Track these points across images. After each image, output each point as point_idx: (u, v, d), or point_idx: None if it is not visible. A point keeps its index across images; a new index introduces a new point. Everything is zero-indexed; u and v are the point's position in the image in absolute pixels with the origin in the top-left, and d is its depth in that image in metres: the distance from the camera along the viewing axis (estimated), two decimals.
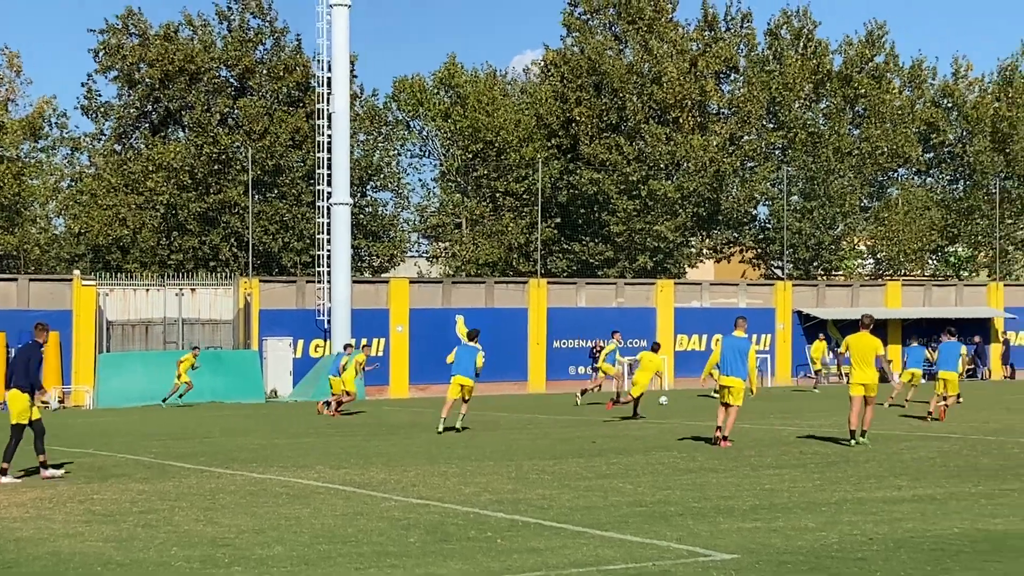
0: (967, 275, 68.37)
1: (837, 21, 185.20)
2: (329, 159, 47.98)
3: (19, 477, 18.25)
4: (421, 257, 66.83)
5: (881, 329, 55.57)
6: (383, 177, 60.19)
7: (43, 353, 18.87)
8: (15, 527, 13.62)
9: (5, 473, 18.03)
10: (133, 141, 58.14)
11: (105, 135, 57.87)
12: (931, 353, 57.58)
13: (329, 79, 48.16)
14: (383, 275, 58.14)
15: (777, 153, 63.78)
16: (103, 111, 57.55)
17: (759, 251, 64.71)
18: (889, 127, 62.84)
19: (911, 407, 31.48)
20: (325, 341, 47.91)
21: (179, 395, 40.58)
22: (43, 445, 18.65)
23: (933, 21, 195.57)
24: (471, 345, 26.85)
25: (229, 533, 12.91)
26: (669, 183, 59.40)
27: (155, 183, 53.88)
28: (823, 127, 62.82)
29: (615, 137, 59.27)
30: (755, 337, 54.94)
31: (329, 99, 48.01)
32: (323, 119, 48.37)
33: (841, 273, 66.07)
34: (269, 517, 14.03)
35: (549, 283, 53.50)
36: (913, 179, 68.61)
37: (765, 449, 21.44)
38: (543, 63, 65.45)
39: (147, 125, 57.94)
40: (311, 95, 53.60)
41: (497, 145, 59.33)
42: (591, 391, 39.49)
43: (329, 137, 47.98)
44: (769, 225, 64.16)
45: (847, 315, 55.48)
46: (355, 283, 49.35)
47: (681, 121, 59.58)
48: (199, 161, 54.51)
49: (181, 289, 48.33)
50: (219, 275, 51.20)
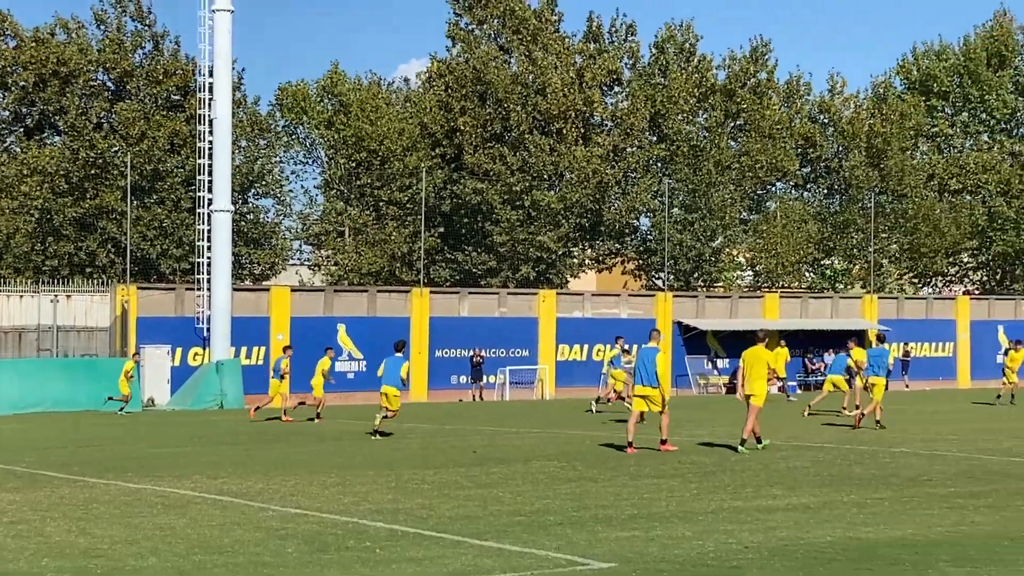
0: (842, 288, 69.58)
1: (719, 36, 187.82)
2: (210, 165, 47.37)
3: None
4: (303, 265, 66.38)
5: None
6: (265, 184, 59.63)
7: None
8: None
9: None
10: (9, 145, 56.94)
11: None
12: (809, 363, 58.81)
13: (211, 84, 47.61)
14: (264, 283, 57.60)
15: (659, 165, 64.36)
16: None
17: (641, 262, 65.23)
18: (768, 141, 63.77)
19: (830, 415, 32.09)
20: (204, 349, 47.27)
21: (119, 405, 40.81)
22: None
23: (808, 38, 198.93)
24: (397, 356, 28.14)
25: (102, 544, 12.67)
26: (552, 194, 59.67)
27: (29, 187, 52.80)
28: (704, 140, 63.52)
29: (499, 147, 59.39)
30: (636, 347, 55.49)
31: (210, 104, 47.43)
32: (204, 124, 47.76)
33: (721, 285, 66.86)
34: (143, 527, 13.80)
35: (432, 292, 53.42)
36: (791, 193, 69.72)
37: (644, 459, 21.59)
38: (428, 72, 65.40)
39: (21, 129, 56.80)
40: (192, 99, 52.90)
41: (381, 154, 59.15)
42: (606, 400, 39.31)
43: (210, 143, 47.38)
44: (651, 237, 64.71)
45: (726, 326, 56.26)
46: (235, 291, 48.77)
47: (565, 132, 59.87)
48: (75, 165, 53.47)
49: (56, 296, 47.37)
50: (95, 281, 50.25)
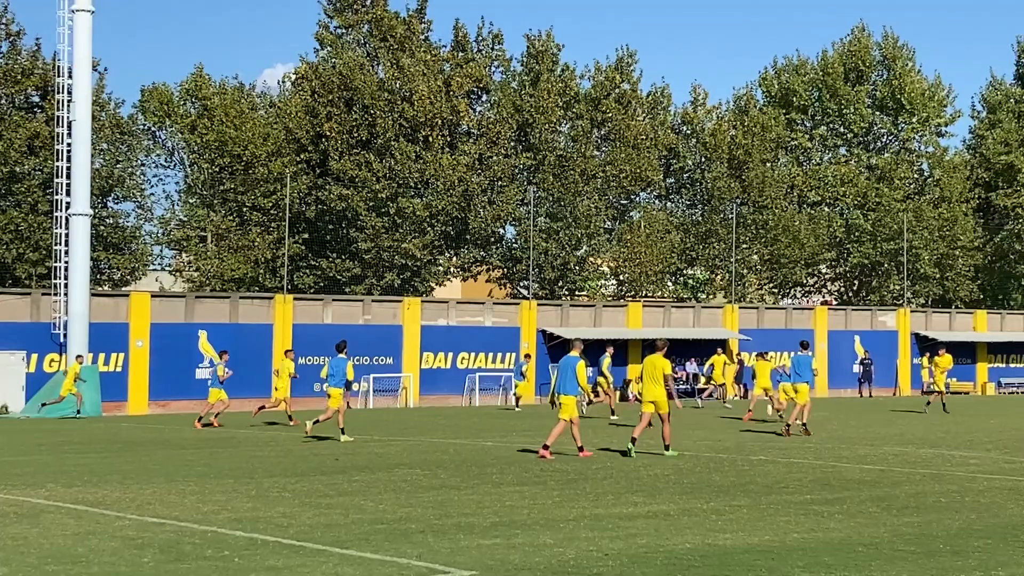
0: (704, 297, 70.53)
1: (585, 47, 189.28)
2: (68, 168, 46.48)
3: None
4: (164, 271, 65.39)
5: (622, 350, 56.94)
6: (126, 188, 58.64)
7: None
8: None
9: None
10: None
11: None
12: (673, 372, 59.18)
13: (70, 86, 46.70)
14: (123, 288, 56.61)
15: (525, 174, 64.62)
16: None
17: (506, 271, 65.40)
18: (632, 152, 64.40)
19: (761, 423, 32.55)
20: (60, 355, 46.31)
21: (63, 407, 41.40)
22: None
23: (672, 50, 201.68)
24: (340, 357, 29.54)
25: None
26: (418, 201, 59.59)
27: None
28: (570, 150, 63.92)
29: (365, 154, 59.13)
30: (500, 356, 55.65)
31: (69, 106, 46.56)
32: (63, 126, 46.83)
33: (585, 293, 67.31)
34: None
35: (295, 299, 52.98)
36: (654, 203, 70.45)
37: (507, 467, 21.65)
38: (295, 77, 64.87)
39: None
40: (51, 100, 51.81)
41: (245, 159, 58.53)
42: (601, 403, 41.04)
43: (69, 145, 46.48)
44: (516, 245, 64.90)
45: (590, 335, 56.59)
46: (93, 296, 47.84)
47: (431, 140, 59.85)
48: None
49: None
50: None
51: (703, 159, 69.09)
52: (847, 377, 62.83)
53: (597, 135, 65.91)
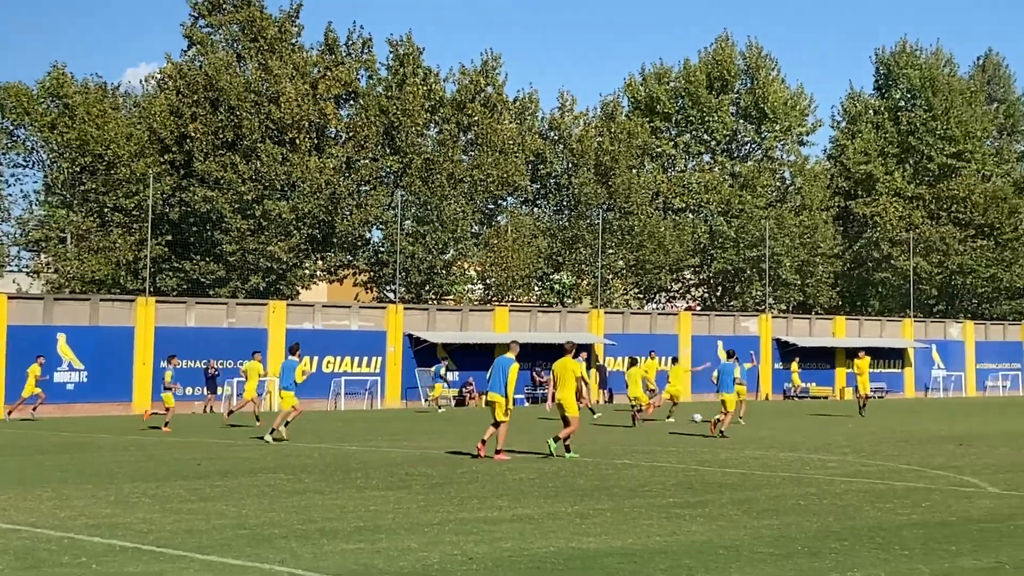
0: (570, 302, 70.95)
1: (451, 52, 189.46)
2: None
3: None
4: (21, 272, 63.85)
5: (488, 353, 57.00)
6: None
7: None
8: None
9: None
10: None
11: None
12: (538, 376, 59.68)
13: None
14: None
15: (392, 178, 64.42)
16: None
17: (372, 274, 65.11)
18: (500, 156, 64.57)
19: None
20: None
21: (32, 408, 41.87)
22: None
23: (540, 56, 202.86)
24: (291, 359, 30.74)
25: None
26: (284, 204, 59.06)
27: None
28: (437, 154, 63.85)
29: (231, 155, 58.44)
30: (366, 360, 55.40)
31: None
32: None
33: (452, 297, 67.30)
34: None
35: (158, 302, 52.15)
36: (521, 208, 70.69)
37: (372, 471, 21.54)
38: (160, 76, 63.82)
39: None
40: None
41: (107, 158, 57.46)
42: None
43: None
44: (383, 248, 64.65)
45: (457, 339, 56.65)
46: None
47: (298, 142, 59.38)
48: None
49: None
50: None
51: (570, 165, 69.50)
52: (708, 382, 63.54)
53: (464, 139, 65.94)
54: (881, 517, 15.24)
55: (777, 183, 78.60)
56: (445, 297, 66.56)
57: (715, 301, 77.91)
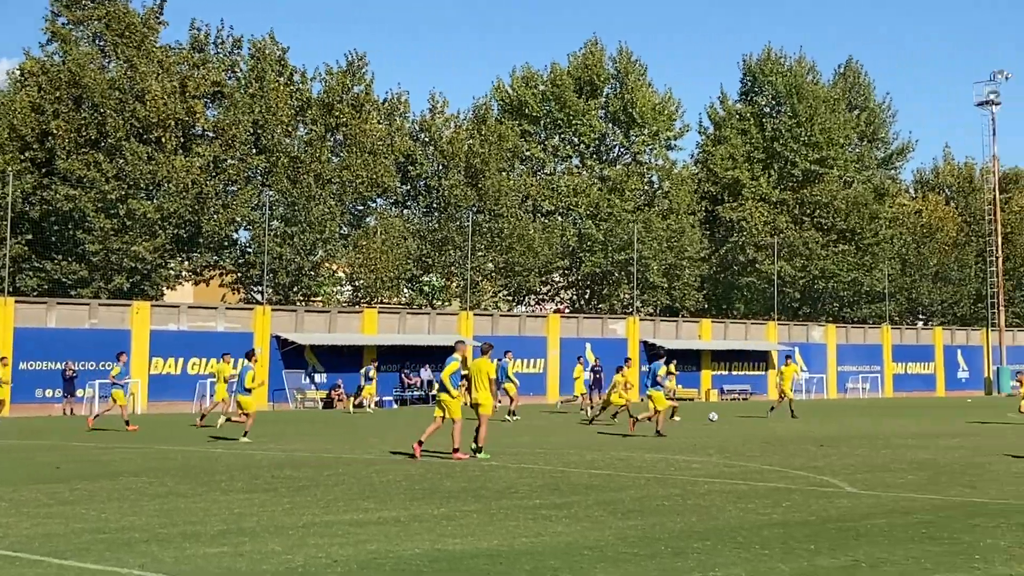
0: (440, 304, 70.91)
1: (316, 50, 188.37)
2: None
3: None
4: None
5: (358, 354, 56.82)
6: None
7: None
8: None
9: None
10: None
11: None
12: (406, 378, 59.57)
13: None
14: None
15: (259, 178, 63.76)
16: None
17: (240, 275, 64.37)
18: (369, 157, 64.28)
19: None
20: None
21: None
22: None
23: (411, 58, 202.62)
24: (247, 364, 32.23)
25: None
26: (149, 203, 58.13)
27: None
28: (304, 153, 63.33)
29: (94, 153, 57.33)
30: (233, 362, 54.68)
31: None
32: None
33: (320, 299, 66.84)
34: None
35: (16, 302, 51.03)
36: (391, 209, 70.44)
37: (237, 473, 21.30)
38: (19, 72, 62.35)
39: None
40: None
41: None
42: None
43: None
44: (250, 249, 63.94)
45: (325, 341, 56.31)
46: None
47: (164, 141, 58.46)
48: None
49: None
50: None
51: (440, 167, 69.45)
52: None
53: (332, 140, 65.46)
54: (743, 517, 15.45)
55: (645, 187, 79.35)
56: (313, 298, 66.08)
57: (583, 304, 78.44)
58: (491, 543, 13.32)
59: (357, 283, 66.54)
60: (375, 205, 69.69)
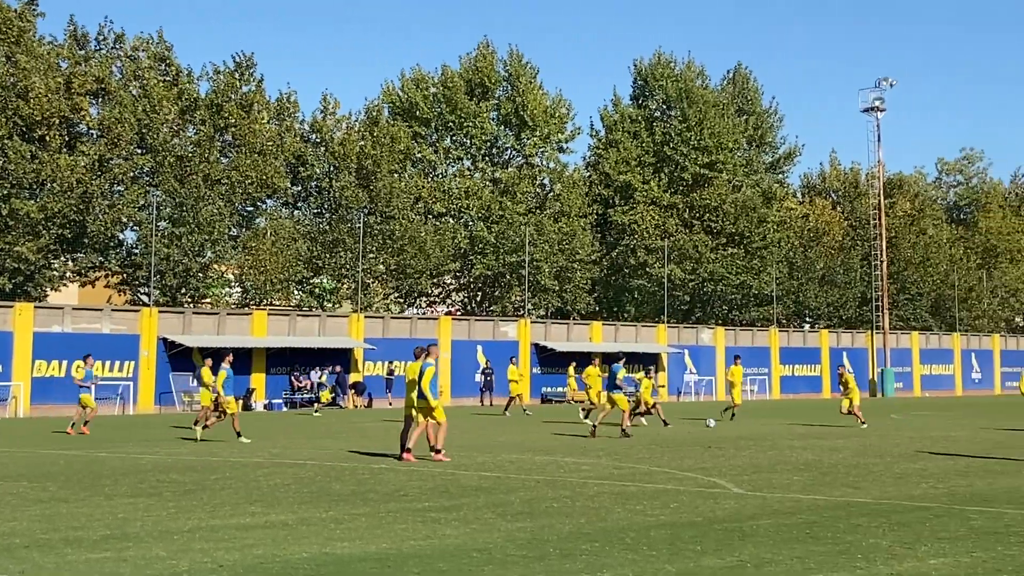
0: (331, 306, 70.50)
1: (205, 49, 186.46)
2: None
3: None
4: None
5: (247, 357, 56.30)
6: None
7: None
8: None
9: None
10: None
11: None
12: (296, 380, 59.14)
13: None
14: None
15: (146, 177, 62.86)
16: None
17: (126, 276, 63.40)
18: (259, 158, 63.72)
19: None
20: None
21: None
22: None
23: (303, 59, 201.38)
24: (225, 366, 32.29)
25: None
26: (32, 203, 57.05)
27: None
28: (192, 153, 62.59)
29: None
30: (118, 364, 53.97)
31: None
32: None
33: (208, 301, 66.12)
34: None
35: None
36: (281, 210, 69.89)
37: (122, 478, 20.97)
38: None
39: None
40: None
41: None
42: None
43: None
44: (137, 250, 63.02)
45: (213, 343, 55.66)
46: None
47: (48, 139, 57.45)
48: None
49: None
50: None
51: (332, 168, 69.05)
52: (470, 386, 64.02)
53: (221, 140, 64.72)
54: (631, 518, 15.53)
55: (537, 190, 79.62)
56: (202, 300, 65.34)
57: (475, 306, 78.48)
58: (379, 546, 13.25)
59: (246, 285, 65.86)
60: (265, 206, 69.08)
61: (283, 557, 12.46)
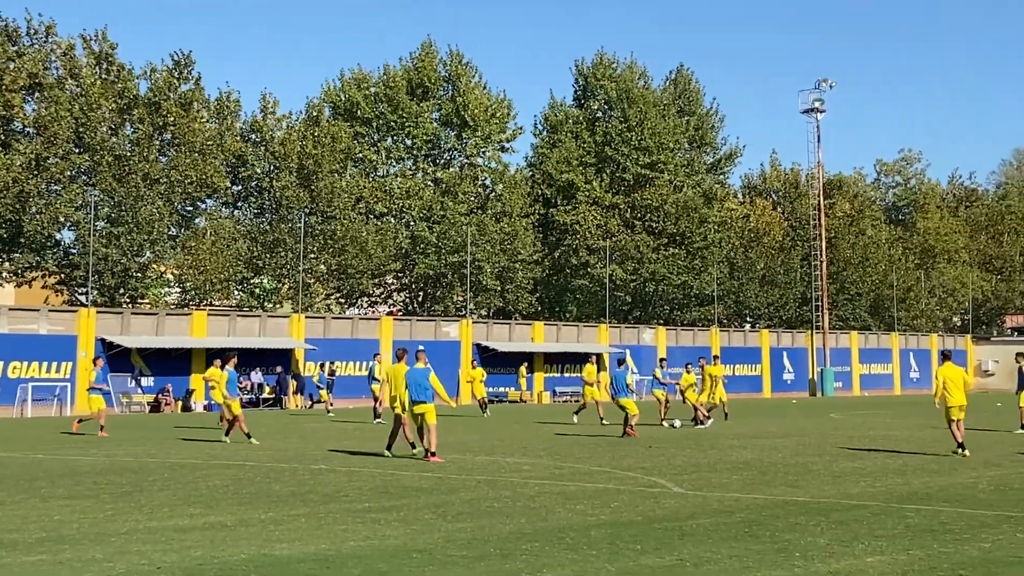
0: (271, 306, 70.14)
1: (143, 47, 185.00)
2: None
3: None
4: None
5: (186, 358, 55.91)
6: None
7: None
8: None
9: None
10: None
11: None
12: (238, 381, 58.68)
13: None
14: None
15: (84, 176, 62.21)
16: None
17: (63, 276, 62.75)
18: (198, 157, 63.26)
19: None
20: None
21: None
22: None
23: (242, 58, 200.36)
24: (230, 369, 31.99)
25: None
26: None
27: None
28: (130, 152, 62.00)
29: None
30: (55, 365, 53.43)
31: None
32: None
33: (147, 301, 65.59)
34: None
35: None
36: (221, 210, 69.43)
37: (58, 480, 20.75)
38: None
39: None
40: None
41: None
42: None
43: None
44: (74, 250, 62.40)
45: (152, 343, 55.27)
46: None
47: None
48: None
49: None
50: None
51: (272, 168, 68.66)
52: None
53: (160, 139, 64.10)
54: (572, 518, 15.55)
55: (479, 190, 79.62)
56: (141, 300, 64.79)
57: (417, 306, 78.33)
58: (319, 547, 13.19)
59: (186, 285, 65.37)
60: (205, 206, 68.62)
61: (222, 559, 12.37)
